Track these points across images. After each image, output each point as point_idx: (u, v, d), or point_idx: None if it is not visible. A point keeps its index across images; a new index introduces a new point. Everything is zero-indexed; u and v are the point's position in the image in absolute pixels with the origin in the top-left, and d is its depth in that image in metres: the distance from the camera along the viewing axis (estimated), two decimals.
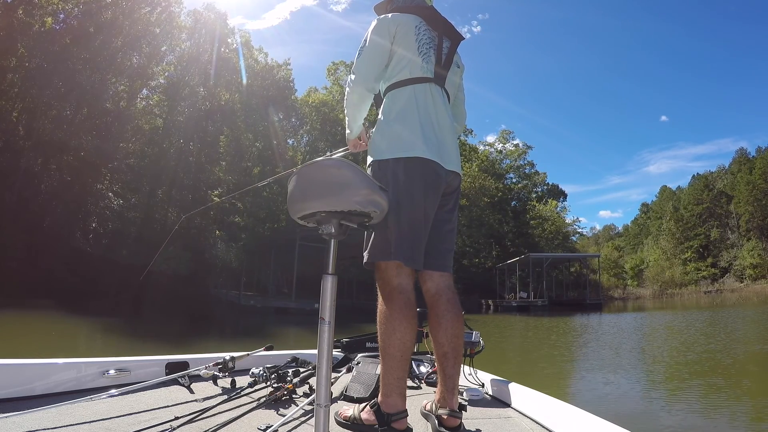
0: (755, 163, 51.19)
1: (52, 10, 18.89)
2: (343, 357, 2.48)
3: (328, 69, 38.99)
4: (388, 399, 1.44)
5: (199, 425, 1.36)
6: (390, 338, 1.44)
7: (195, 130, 23.49)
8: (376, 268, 1.54)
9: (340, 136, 31.96)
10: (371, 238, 1.54)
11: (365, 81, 1.59)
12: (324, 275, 1.04)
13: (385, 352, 1.46)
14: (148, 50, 22.19)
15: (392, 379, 1.45)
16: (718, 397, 4.62)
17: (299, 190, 1.08)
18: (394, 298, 1.48)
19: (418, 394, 1.94)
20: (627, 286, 54.04)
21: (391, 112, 1.59)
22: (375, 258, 1.53)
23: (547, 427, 1.50)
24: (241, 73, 26.40)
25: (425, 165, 1.51)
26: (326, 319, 1.01)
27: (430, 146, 1.53)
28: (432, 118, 1.57)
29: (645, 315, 21.43)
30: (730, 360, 6.87)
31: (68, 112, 19.80)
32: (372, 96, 1.65)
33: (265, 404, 1.62)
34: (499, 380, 1.96)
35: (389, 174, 1.51)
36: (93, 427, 1.31)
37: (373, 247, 1.53)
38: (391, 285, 1.50)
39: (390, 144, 1.54)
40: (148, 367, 1.92)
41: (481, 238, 39.74)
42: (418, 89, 1.58)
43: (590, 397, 4.84)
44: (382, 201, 1.09)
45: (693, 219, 54.71)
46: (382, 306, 1.50)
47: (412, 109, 1.56)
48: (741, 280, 45.57)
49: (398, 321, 1.44)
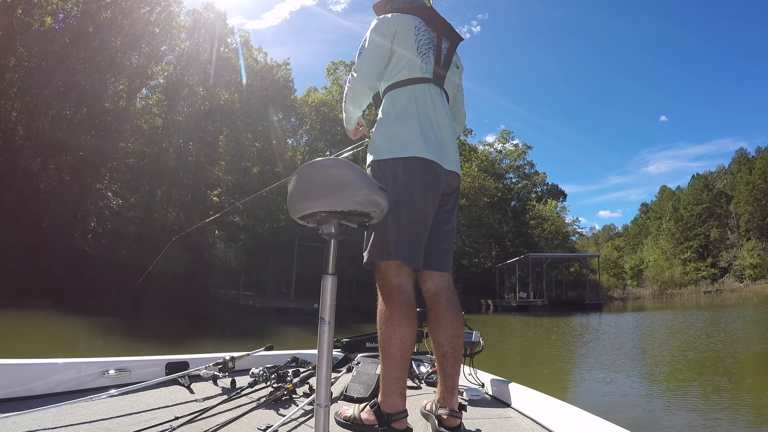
0: (755, 163, 51.25)
1: (51, 10, 18.87)
2: (343, 357, 2.48)
3: (328, 69, 39.00)
4: (388, 399, 1.44)
5: (199, 425, 1.36)
6: (390, 338, 1.44)
7: (194, 129, 23.49)
8: (376, 268, 1.54)
9: (340, 135, 31.96)
10: (371, 238, 1.53)
11: (366, 79, 1.60)
12: (324, 275, 1.04)
13: (385, 352, 1.46)
14: (147, 50, 22.16)
15: (392, 379, 1.45)
16: (719, 396, 4.63)
17: (299, 190, 1.08)
18: (393, 298, 1.48)
19: (418, 394, 1.94)
20: (626, 286, 54.10)
21: (390, 112, 1.59)
22: (375, 258, 1.53)
23: (547, 427, 1.50)
24: (241, 72, 26.40)
25: (425, 165, 1.51)
26: (326, 319, 1.01)
27: (429, 146, 1.53)
28: (431, 118, 1.57)
29: (645, 315, 21.46)
30: (731, 359, 6.88)
31: (67, 111, 19.76)
32: (372, 94, 1.66)
33: (265, 404, 1.61)
34: (499, 380, 1.96)
35: (389, 174, 1.52)
36: (93, 427, 1.31)
37: (373, 247, 1.53)
38: (390, 285, 1.50)
39: (390, 144, 1.54)
40: (148, 367, 1.92)
41: (481, 238, 39.74)
42: (418, 89, 1.58)
43: (590, 397, 4.85)
44: (382, 201, 1.09)
45: (693, 219, 54.76)
46: (382, 306, 1.49)
47: (411, 109, 1.56)
48: (741, 280, 45.61)
49: (398, 321, 1.44)
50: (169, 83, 23.95)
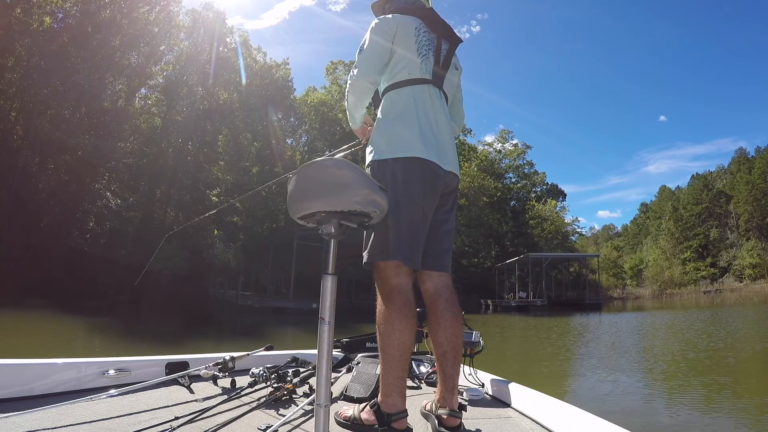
0: (754, 163, 51.34)
1: (50, 10, 18.86)
2: (343, 357, 2.48)
3: (327, 68, 38.95)
4: (387, 399, 1.44)
5: (199, 425, 1.36)
6: (389, 338, 1.44)
7: (193, 129, 23.47)
8: (375, 268, 1.54)
9: (339, 135, 31.91)
10: (370, 238, 1.54)
11: (367, 75, 1.60)
12: (324, 275, 1.04)
13: (385, 352, 1.46)
14: (146, 50, 22.15)
15: (392, 378, 1.45)
16: (720, 396, 4.63)
17: (299, 190, 1.08)
18: (393, 297, 1.48)
19: (418, 394, 1.94)
20: (626, 286, 54.12)
21: (390, 112, 1.59)
22: (374, 258, 1.53)
23: (547, 427, 1.50)
24: (241, 72, 26.38)
25: (424, 165, 1.52)
26: (326, 319, 1.01)
27: (428, 147, 1.53)
28: (430, 119, 1.58)
29: (645, 315, 21.47)
30: (732, 359, 6.88)
31: (66, 111, 19.74)
32: (373, 89, 1.65)
33: (265, 404, 1.61)
34: (499, 380, 1.96)
35: (388, 174, 1.52)
36: (93, 427, 1.30)
37: (373, 247, 1.53)
38: (390, 285, 1.50)
39: (389, 144, 1.55)
40: (148, 367, 1.92)
41: (480, 237, 39.74)
42: (417, 90, 1.59)
43: (590, 397, 4.85)
44: (382, 201, 1.09)
45: (692, 219, 54.82)
46: (381, 306, 1.50)
47: (410, 109, 1.56)
48: (740, 280, 45.67)
49: (398, 321, 1.44)
50: (168, 83, 23.95)
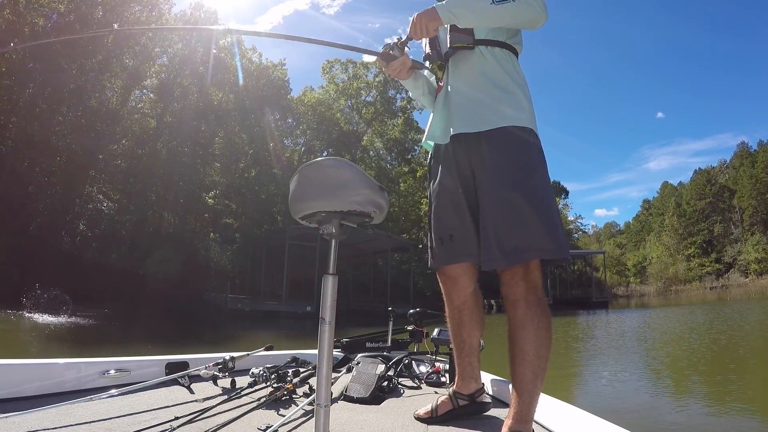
0: (757, 157, 50.81)
1: (43, 12, 18.67)
2: (343, 357, 2.48)
3: (323, 67, 38.44)
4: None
5: (199, 425, 1.36)
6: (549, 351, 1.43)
7: (188, 131, 23.19)
8: (528, 269, 1.39)
9: (336, 134, 31.69)
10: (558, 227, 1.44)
11: (545, 10, 1.37)
12: (324, 275, 1.05)
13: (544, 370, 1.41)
14: (139, 50, 21.95)
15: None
16: (723, 393, 4.60)
17: (300, 190, 1.09)
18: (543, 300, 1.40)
19: (418, 394, 1.93)
20: (630, 283, 53.91)
21: (521, 77, 1.47)
22: (531, 256, 1.40)
23: (547, 427, 1.49)
24: (238, 73, 26.04)
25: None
26: (326, 319, 1.02)
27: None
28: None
29: (656, 311, 21.17)
30: (746, 353, 6.79)
31: (57, 113, 19.46)
32: (536, 27, 1.42)
33: (265, 404, 1.61)
34: (499, 380, 1.95)
35: (537, 151, 1.40)
36: (93, 427, 1.31)
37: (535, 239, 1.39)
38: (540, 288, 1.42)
39: (530, 113, 1.43)
40: (148, 368, 1.92)
41: None
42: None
43: (590, 397, 4.83)
44: (382, 201, 1.09)
45: (695, 214, 54.35)
46: (540, 309, 1.38)
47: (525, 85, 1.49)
48: (746, 275, 45.34)
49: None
50: (162, 84, 23.65)
